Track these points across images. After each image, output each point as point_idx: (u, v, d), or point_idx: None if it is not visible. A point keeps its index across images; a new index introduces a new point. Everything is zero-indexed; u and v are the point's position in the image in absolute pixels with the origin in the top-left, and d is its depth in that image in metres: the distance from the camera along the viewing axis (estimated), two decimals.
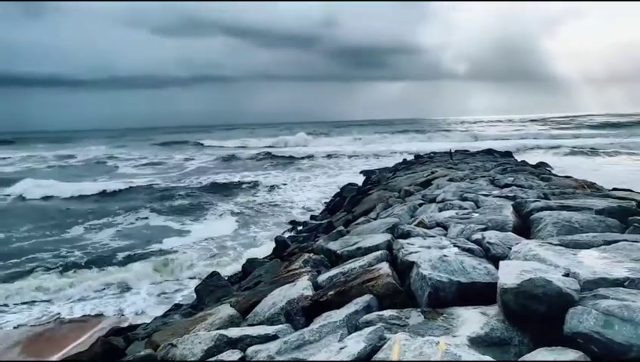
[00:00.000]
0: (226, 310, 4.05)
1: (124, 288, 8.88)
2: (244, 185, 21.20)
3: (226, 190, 20.20)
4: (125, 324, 7.00)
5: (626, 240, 3.35)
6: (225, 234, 12.64)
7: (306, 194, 18.56)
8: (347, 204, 11.71)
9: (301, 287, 3.76)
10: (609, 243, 3.37)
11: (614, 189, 7.62)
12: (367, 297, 3.13)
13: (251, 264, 7.72)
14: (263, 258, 8.39)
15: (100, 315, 7.90)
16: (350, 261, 4.16)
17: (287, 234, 10.96)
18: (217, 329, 3.51)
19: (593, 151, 29.05)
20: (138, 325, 6.32)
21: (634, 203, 5.09)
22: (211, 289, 6.09)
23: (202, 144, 53.27)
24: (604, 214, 4.57)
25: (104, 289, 8.90)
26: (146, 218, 15.09)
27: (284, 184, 21.37)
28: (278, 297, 3.78)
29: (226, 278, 7.30)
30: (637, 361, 1.94)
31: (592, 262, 2.91)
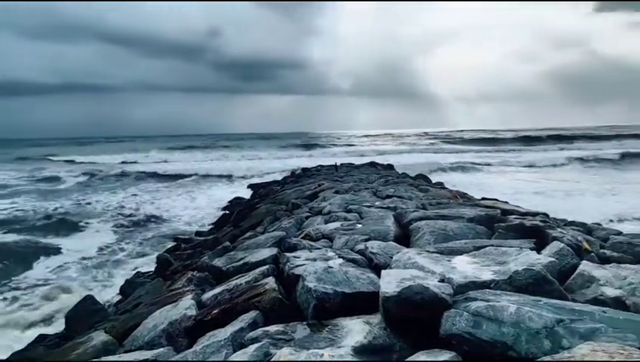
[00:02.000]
0: (99, 337, 3.73)
1: None
2: (122, 202, 19.73)
3: (99, 207, 18.52)
4: None
5: (492, 246, 3.68)
6: (99, 254, 11.63)
7: (191, 210, 17.79)
8: (234, 219, 11.50)
9: (184, 307, 3.59)
10: (478, 248, 3.67)
11: (483, 199, 8.35)
12: (253, 313, 3.06)
13: (130, 285, 7.24)
14: (144, 278, 7.90)
15: None
16: (236, 277, 4.06)
17: (169, 252, 10.43)
18: (89, 359, 3.22)
19: (468, 164, 31.88)
20: None
21: (499, 211, 5.63)
22: (84, 314, 5.57)
23: (73, 160, 47.29)
24: (474, 222, 4.99)
25: None
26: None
27: (164, 198, 20.42)
28: (159, 319, 3.56)
29: (102, 302, 6.73)
30: (502, 356, 2.09)
31: (464, 267, 3.12)
